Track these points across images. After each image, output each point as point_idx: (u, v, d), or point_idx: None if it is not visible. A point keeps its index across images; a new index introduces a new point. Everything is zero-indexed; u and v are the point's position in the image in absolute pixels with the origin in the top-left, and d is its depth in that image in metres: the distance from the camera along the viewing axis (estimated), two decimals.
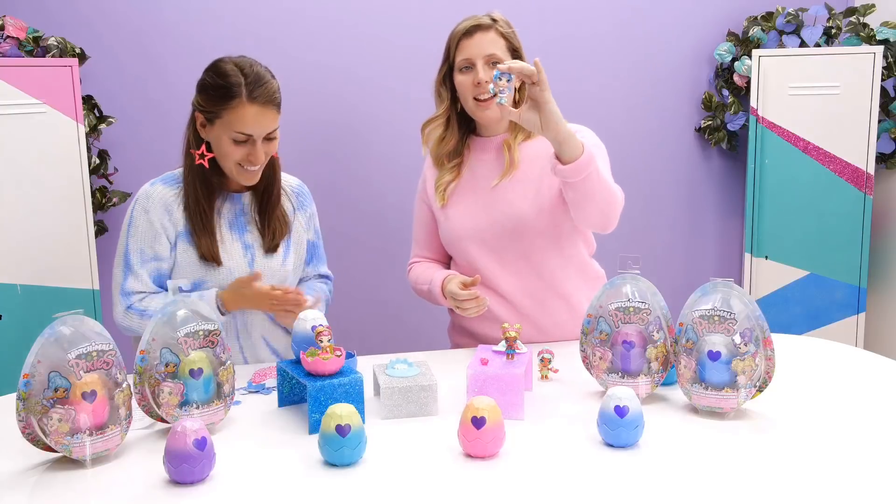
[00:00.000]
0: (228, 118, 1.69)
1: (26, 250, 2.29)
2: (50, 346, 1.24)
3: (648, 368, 1.49)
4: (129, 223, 1.77)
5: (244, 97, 1.68)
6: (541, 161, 1.85)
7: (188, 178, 1.77)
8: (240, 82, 1.68)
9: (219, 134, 1.72)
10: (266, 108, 1.70)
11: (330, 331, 1.43)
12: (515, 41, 1.85)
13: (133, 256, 1.76)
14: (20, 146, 2.26)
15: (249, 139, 1.70)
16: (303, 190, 1.95)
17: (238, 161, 1.72)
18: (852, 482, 1.19)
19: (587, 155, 1.62)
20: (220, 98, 1.69)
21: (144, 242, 1.76)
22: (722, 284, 1.46)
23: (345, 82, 2.83)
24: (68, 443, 1.25)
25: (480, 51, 1.81)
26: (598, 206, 1.71)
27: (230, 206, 1.82)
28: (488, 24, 1.82)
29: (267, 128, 1.71)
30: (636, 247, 3.03)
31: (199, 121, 1.75)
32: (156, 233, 1.75)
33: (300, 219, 1.91)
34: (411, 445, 1.35)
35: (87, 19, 2.61)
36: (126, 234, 1.77)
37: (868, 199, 2.86)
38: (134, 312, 1.75)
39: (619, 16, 2.99)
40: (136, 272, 1.75)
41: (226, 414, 1.43)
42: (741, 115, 3.00)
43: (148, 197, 1.77)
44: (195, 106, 1.75)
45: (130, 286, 1.76)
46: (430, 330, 2.94)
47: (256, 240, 1.82)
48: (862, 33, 2.88)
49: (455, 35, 1.85)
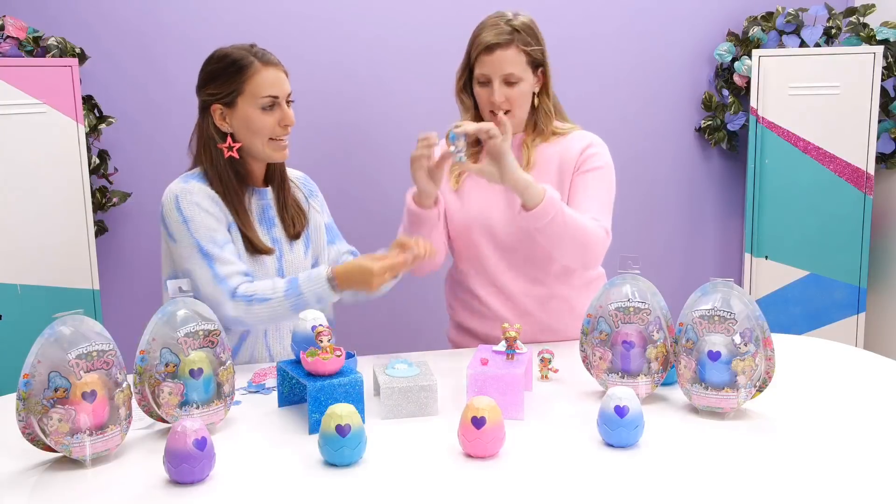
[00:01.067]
0: (251, 88, 1.71)
1: (26, 250, 2.29)
2: (50, 346, 1.24)
3: (648, 368, 1.49)
4: (184, 221, 1.68)
5: (258, 63, 1.71)
6: (555, 164, 1.86)
7: (222, 176, 1.74)
8: (248, 54, 1.72)
9: (245, 111, 1.72)
10: (280, 70, 1.75)
11: (330, 331, 1.44)
12: (538, 54, 1.83)
13: (209, 246, 1.67)
14: (20, 146, 2.26)
15: (276, 103, 1.73)
16: (307, 180, 1.97)
17: (272, 130, 1.73)
18: (852, 482, 1.19)
19: (548, 200, 1.69)
20: (236, 73, 1.71)
21: (212, 230, 1.69)
22: (722, 284, 1.46)
23: (347, 82, 2.83)
24: (68, 443, 1.25)
25: (498, 70, 1.80)
26: (569, 248, 1.76)
27: (257, 201, 1.81)
28: (508, 40, 1.79)
29: (287, 89, 1.75)
30: (636, 247, 3.03)
31: (216, 114, 1.73)
32: (216, 219, 1.71)
33: (314, 205, 1.93)
34: (411, 445, 1.35)
35: (87, 19, 2.61)
36: (188, 233, 1.68)
37: (868, 199, 2.87)
38: (242, 301, 1.65)
39: (619, 16, 2.99)
40: (219, 257, 1.67)
41: (226, 414, 1.43)
42: (741, 115, 3.01)
43: (190, 191, 1.71)
44: (208, 99, 1.74)
45: (223, 271, 1.66)
46: (430, 330, 2.94)
47: (281, 233, 1.83)
48: (862, 33, 2.88)
49: (476, 46, 1.82)
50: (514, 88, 1.81)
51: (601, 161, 1.86)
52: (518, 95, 1.83)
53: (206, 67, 1.75)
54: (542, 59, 1.85)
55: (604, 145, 1.89)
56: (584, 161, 1.85)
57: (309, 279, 1.68)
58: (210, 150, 1.76)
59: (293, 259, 1.83)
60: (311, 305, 1.67)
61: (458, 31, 2.83)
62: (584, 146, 1.86)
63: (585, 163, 1.85)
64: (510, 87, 1.81)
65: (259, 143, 1.74)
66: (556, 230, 1.71)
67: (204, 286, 1.65)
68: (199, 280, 1.66)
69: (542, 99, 1.89)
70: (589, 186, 1.84)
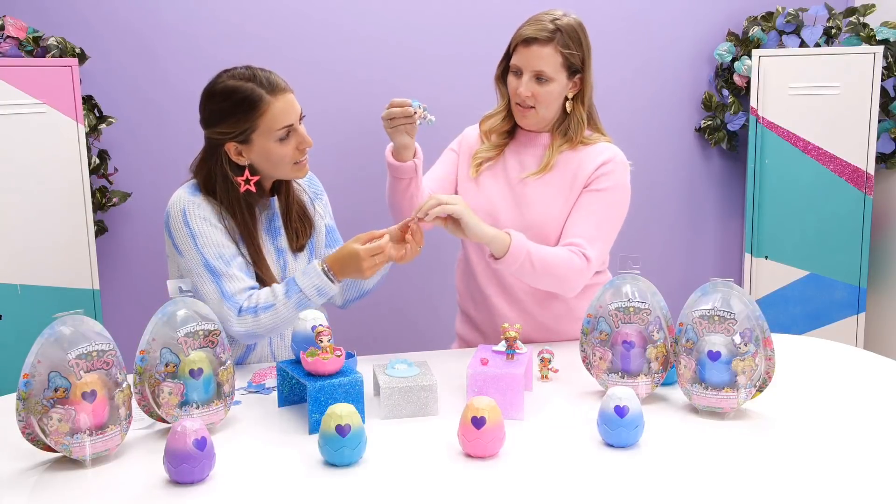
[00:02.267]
0: (266, 123, 1.66)
1: (26, 250, 2.29)
2: (50, 346, 1.24)
3: (648, 368, 1.49)
4: (191, 236, 1.66)
5: (267, 96, 1.65)
6: (570, 172, 1.85)
7: (236, 207, 1.71)
8: (254, 87, 1.65)
9: (263, 145, 1.68)
10: (288, 93, 1.69)
11: (330, 331, 1.44)
12: (576, 59, 1.81)
13: (216, 263, 1.65)
14: (20, 146, 2.26)
15: (291, 129, 1.69)
16: (314, 179, 1.94)
17: (292, 157, 1.71)
18: (852, 482, 1.19)
19: (514, 247, 1.72)
20: (247, 111, 1.65)
21: (220, 245, 1.67)
22: (722, 284, 1.46)
23: (346, 83, 2.83)
24: (68, 443, 1.25)
25: (530, 64, 1.79)
26: (543, 283, 1.80)
27: (264, 212, 1.79)
28: (548, 38, 1.78)
29: (298, 110, 1.71)
30: (636, 247, 3.03)
31: (232, 151, 1.68)
32: (223, 231, 1.69)
33: (318, 208, 1.91)
34: (411, 445, 1.35)
35: (87, 19, 2.61)
36: (195, 248, 1.65)
37: (868, 199, 2.86)
38: (248, 314, 1.64)
39: (619, 16, 2.99)
40: (227, 273, 1.65)
41: (226, 414, 1.43)
42: (741, 115, 3.00)
43: (197, 205, 1.68)
44: (220, 138, 1.68)
45: (230, 288, 1.65)
46: (430, 330, 2.94)
47: (286, 243, 1.81)
48: (862, 33, 2.88)
49: (517, 37, 1.82)
50: (543, 86, 1.80)
51: (612, 181, 1.84)
52: (545, 94, 1.81)
53: (210, 105, 1.69)
54: (579, 66, 1.83)
55: (623, 163, 1.87)
56: (596, 179, 1.84)
57: (305, 275, 1.67)
58: (226, 184, 1.70)
59: (298, 267, 1.81)
60: (315, 300, 1.66)
61: (462, 32, 2.85)
62: (601, 163, 1.84)
63: (596, 181, 1.84)
64: (539, 83, 1.80)
65: (282, 171, 1.72)
66: (527, 270, 1.75)
67: (212, 304, 1.62)
68: (207, 296, 1.65)
69: (576, 106, 1.87)
70: (591, 207, 1.83)
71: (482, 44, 2.74)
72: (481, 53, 2.52)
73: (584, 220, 1.82)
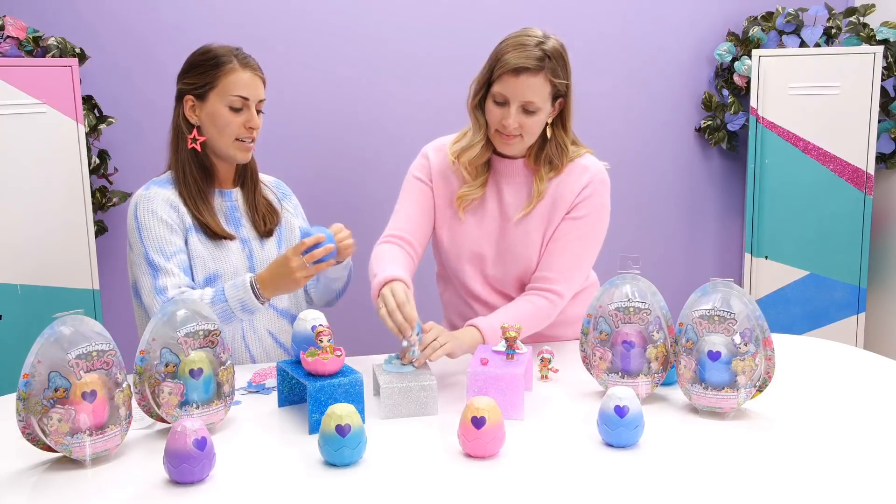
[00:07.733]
0: (223, 84, 1.73)
1: (26, 250, 2.29)
2: (50, 346, 1.24)
3: (648, 368, 1.49)
4: (137, 228, 1.72)
5: (236, 63, 1.74)
6: (551, 197, 1.78)
7: (185, 168, 1.77)
8: (230, 52, 1.75)
9: (214, 106, 1.74)
10: (256, 76, 1.78)
11: (330, 331, 1.44)
12: (562, 86, 1.70)
13: (156, 256, 1.69)
14: (20, 146, 2.26)
15: (245, 105, 1.75)
16: (280, 184, 1.99)
17: (237, 131, 1.75)
18: (852, 482, 1.19)
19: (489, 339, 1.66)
20: (212, 67, 1.74)
21: (162, 240, 1.71)
22: (722, 284, 1.46)
23: (345, 84, 2.83)
24: (68, 443, 1.25)
25: (519, 95, 1.67)
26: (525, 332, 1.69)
27: (222, 202, 1.83)
28: (537, 67, 1.65)
29: (259, 95, 1.78)
30: (636, 247, 3.03)
31: (188, 105, 1.76)
32: (169, 227, 1.72)
33: (287, 206, 1.94)
34: (411, 445, 1.35)
35: (87, 19, 2.61)
36: (139, 241, 1.71)
37: (868, 199, 2.86)
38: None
39: (619, 16, 2.99)
40: (164, 268, 1.68)
41: (226, 414, 1.43)
42: (741, 115, 3.01)
43: (149, 199, 1.74)
44: (183, 88, 1.77)
45: (163, 283, 1.68)
46: None
47: (251, 233, 1.84)
48: (862, 33, 2.88)
49: (501, 65, 1.67)
50: (531, 117, 1.69)
51: (592, 206, 1.78)
52: (533, 124, 1.70)
53: (189, 58, 1.79)
54: (564, 92, 1.73)
55: (602, 182, 1.79)
56: (577, 206, 1.77)
57: (234, 286, 1.69)
58: (178, 140, 1.79)
59: (266, 257, 1.83)
60: (238, 314, 1.69)
61: (446, 34, 2.85)
62: (582, 186, 1.77)
63: (577, 208, 1.77)
64: (527, 114, 1.69)
65: (224, 141, 1.76)
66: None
67: (145, 296, 1.69)
68: (142, 289, 1.70)
69: (558, 131, 1.76)
70: (569, 237, 1.77)
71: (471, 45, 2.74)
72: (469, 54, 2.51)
73: (559, 253, 1.77)
